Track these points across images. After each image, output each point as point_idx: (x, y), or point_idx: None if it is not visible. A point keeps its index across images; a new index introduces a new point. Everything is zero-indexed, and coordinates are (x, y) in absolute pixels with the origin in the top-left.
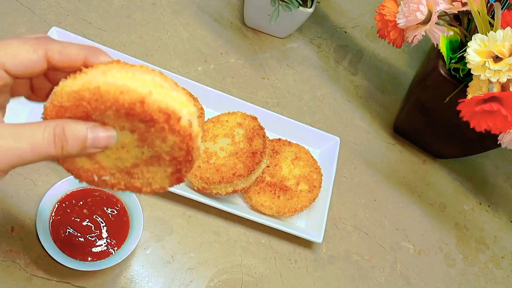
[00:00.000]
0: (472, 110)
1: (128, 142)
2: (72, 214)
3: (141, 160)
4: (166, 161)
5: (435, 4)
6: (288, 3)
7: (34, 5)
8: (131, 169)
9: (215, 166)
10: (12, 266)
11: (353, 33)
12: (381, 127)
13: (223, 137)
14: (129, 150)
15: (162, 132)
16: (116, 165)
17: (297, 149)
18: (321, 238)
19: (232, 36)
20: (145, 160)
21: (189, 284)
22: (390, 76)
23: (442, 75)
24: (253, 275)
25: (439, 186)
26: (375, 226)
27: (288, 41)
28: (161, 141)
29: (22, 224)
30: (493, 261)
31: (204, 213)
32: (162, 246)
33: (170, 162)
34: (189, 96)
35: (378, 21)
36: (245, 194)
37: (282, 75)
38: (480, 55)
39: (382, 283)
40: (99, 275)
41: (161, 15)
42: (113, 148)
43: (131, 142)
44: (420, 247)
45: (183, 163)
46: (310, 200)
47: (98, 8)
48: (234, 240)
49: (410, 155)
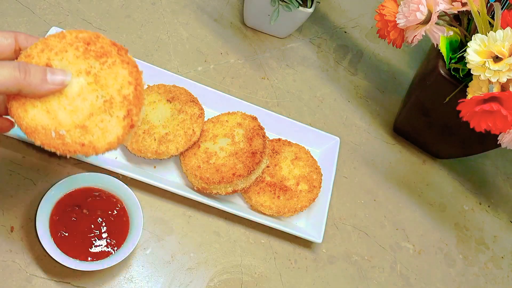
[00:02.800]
0: (472, 110)
1: (84, 87)
2: (72, 214)
3: (96, 108)
4: (117, 103)
5: (435, 4)
6: (288, 3)
7: (34, 5)
8: (86, 121)
9: (215, 166)
10: (12, 266)
11: (353, 33)
12: (381, 127)
13: (223, 137)
14: (85, 98)
15: (114, 66)
16: (72, 120)
17: (297, 149)
18: (321, 238)
19: (232, 36)
20: (99, 108)
21: (189, 284)
22: (390, 76)
23: (442, 75)
24: (253, 275)
25: (439, 186)
26: (375, 226)
27: (288, 41)
28: (113, 79)
29: (22, 224)
30: (493, 261)
31: (204, 213)
32: (162, 246)
33: (121, 103)
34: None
35: (378, 21)
36: (245, 194)
37: (282, 75)
38: (480, 55)
39: (382, 283)
40: (99, 275)
41: (161, 15)
42: (70, 96)
43: (87, 86)
44: (420, 247)
45: (133, 101)
46: (310, 200)
47: (98, 8)
48: (234, 240)
49: (410, 155)
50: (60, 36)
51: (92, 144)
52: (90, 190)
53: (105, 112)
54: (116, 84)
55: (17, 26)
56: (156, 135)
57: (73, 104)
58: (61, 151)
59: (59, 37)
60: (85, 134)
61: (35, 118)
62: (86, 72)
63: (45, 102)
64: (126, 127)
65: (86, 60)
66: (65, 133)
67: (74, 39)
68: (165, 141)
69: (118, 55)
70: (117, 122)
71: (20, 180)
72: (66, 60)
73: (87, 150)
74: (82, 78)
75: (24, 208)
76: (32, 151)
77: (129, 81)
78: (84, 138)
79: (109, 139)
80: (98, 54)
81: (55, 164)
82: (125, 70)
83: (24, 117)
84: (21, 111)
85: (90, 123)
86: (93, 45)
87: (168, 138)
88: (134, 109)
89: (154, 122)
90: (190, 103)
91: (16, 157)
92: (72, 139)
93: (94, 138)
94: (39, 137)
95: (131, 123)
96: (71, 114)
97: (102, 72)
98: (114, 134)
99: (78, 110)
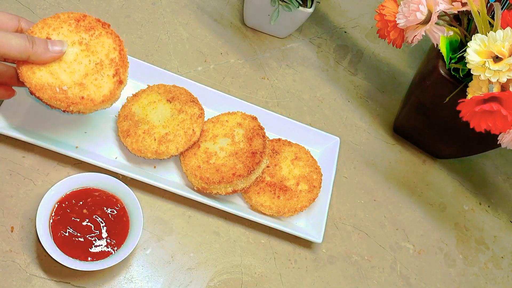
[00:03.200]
0: (472, 110)
1: (78, 53)
2: (72, 214)
3: (89, 69)
4: (106, 65)
5: (435, 4)
6: (288, 3)
7: (34, 5)
8: (83, 79)
9: (215, 166)
10: (12, 266)
11: (353, 33)
12: (381, 127)
13: (223, 137)
14: (80, 61)
15: (100, 37)
16: (71, 79)
17: (297, 149)
18: (321, 238)
19: (232, 36)
20: (92, 69)
21: (189, 284)
22: (390, 76)
23: (442, 75)
24: (253, 275)
25: (439, 186)
26: (375, 226)
27: (288, 41)
28: (101, 46)
29: (22, 224)
30: (493, 261)
31: (204, 213)
32: (162, 246)
33: (109, 65)
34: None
35: (378, 21)
36: (245, 194)
37: (282, 75)
38: (480, 55)
39: (382, 283)
40: (99, 275)
41: (161, 15)
42: (68, 62)
43: (80, 52)
44: (420, 247)
45: (119, 63)
46: (310, 200)
47: (98, 8)
48: (234, 240)
49: (410, 155)
50: (55, 16)
51: (89, 97)
52: (90, 190)
53: (98, 73)
54: (104, 50)
55: None
56: (156, 135)
57: (71, 67)
58: (65, 104)
59: (54, 17)
60: (83, 90)
61: (41, 78)
62: (78, 43)
63: (49, 67)
64: (116, 83)
65: (78, 34)
66: (67, 89)
67: (66, 18)
68: (165, 141)
69: (103, 28)
70: (108, 79)
71: (20, 180)
72: (62, 34)
73: (86, 102)
74: (76, 48)
75: (24, 208)
76: (32, 151)
77: (114, 47)
78: (83, 93)
79: (103, 93)
80: (87, 28)
81: (55, 164)
82: (109, 39)
83: (32, 77)
84: (30, 73)
85: (86, 81)
86: (82, 21)
87: (168, 138)
88: (121, 69)
89: (154, 122)
90: (190, 103)
91: (16, 157)
92: (73, 94)
93: (91, 92)
94: (46, 92)
95: (120, 79)
96: (70, 74)
97: (91, 42)
98: (107, 89)
99: (75, 71)
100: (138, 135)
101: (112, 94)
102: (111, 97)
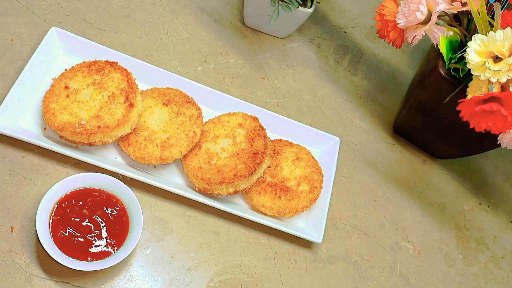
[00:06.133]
0: (472, 110)
1: (92, 92)
2: (72, 214)
3: (103, 102)
4: (117, 95)
5: (435, 4)
6: (288, 3)
7: (34, 5)
8: (99, 112)
9: (216, 167)
10: (12, 266)
11: (353, 33)
12: (381, 127)
13: (224, 137)
14: (95, 98)
15: (110, 74)
16: (89, 115)
17: (298, 150)
18: (321, 238)
19: (232, 36)
20: (105, 102)
21: (188, 284)
22: (390, 76)
23: (442, 75)
24: (253, 275)
25: (439, 186)
26: (375, 226)
27: (288, 41)
28: (111, 81)
29: (22, 224)
30: (493, 261)
31: (204, 213)
32: (161, 246)
33: (120, 94)
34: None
35: (378, 21)
36: (246, 194)
37: (282, 75)
38: (480, 55)
39: (382, 283)
40: (99, 275)
41: (161, 15)
42: (84, 101)
43: (94, 91)
44: (420, 247)
45: (128, 90)
46: (311, 200)
47: (98, 8)
48: (234, 240)
49: (410, 155)
50: (71, 69)
51: (105, 125)
52: (90, 190)
53: (111, 103)
54: (114, 83)
55: (17, 26)
56: (157, 140)
57: (87, 105)
58: (85, 136)
59: (70, 70)
60: (99, 120)
61: (62, 119)
62: (92, 84)
63: (69, 109)
64: (127, 107)
65: (90, 77)
66: (85, 123)
67: (79, 67)
68: (167, 146)
69: (111, 66)
70: (120, 106)
71: (20, 180)
72: (78, 81)
73: (103, 130)
74: (90, 88)
75: (24, 208)
76: (32, 151)
77: (122, 78)
78: (99, 123)
79: (117, 117)
80: (97, 70)
81: (55, 164)
82: (117, 73)
83: (54, 120)
84: (53, 117)
85: (102, 112)
86: (93, 65)
87: (170, 142)
88: (131, 94)
89: (153, 128)
90: (186, 104)
91: (16, 157)
92: (91, 125)
93: (106, 120)
94: (68, 130)
95: (130, 103)
96: (87, 111)
97: (103, 80)
98: (120, 114)
99: (92, 108)
100: (139, 142)
101: (125, 117)
102: (126, 120)
